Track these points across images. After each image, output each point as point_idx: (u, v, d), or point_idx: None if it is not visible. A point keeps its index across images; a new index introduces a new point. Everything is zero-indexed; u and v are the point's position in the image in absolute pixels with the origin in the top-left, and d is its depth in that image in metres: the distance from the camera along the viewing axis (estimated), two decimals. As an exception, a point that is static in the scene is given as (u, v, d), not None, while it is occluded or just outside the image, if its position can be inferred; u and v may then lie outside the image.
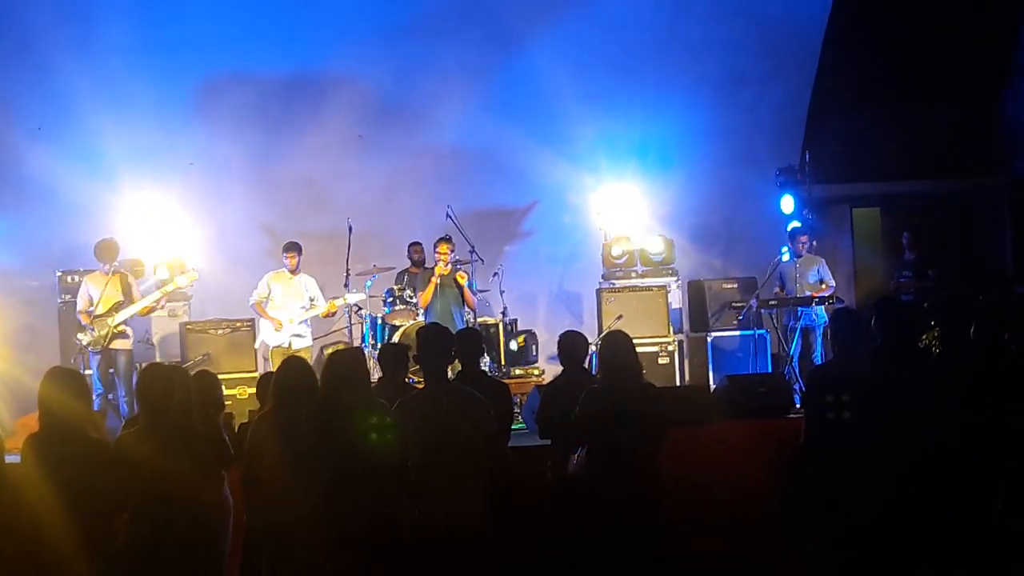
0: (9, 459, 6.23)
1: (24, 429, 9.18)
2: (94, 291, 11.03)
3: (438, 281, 11.86)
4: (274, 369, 10.38)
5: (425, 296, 11.95)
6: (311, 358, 11.28)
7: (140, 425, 5.93)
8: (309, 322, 11.96)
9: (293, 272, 11.90)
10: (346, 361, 6.19)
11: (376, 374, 8.67)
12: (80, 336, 11.01)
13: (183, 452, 5.80)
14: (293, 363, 6.36)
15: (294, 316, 11.74)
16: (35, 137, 13.11)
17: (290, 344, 11.67)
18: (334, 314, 12.08)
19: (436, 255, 11.96)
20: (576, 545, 6.82)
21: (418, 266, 13.03)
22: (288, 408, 6.05)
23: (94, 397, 9.04)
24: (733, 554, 8.12)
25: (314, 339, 12.62)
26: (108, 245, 11.13)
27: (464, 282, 11.91)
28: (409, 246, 13.19)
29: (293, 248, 11.93)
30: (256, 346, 12.02)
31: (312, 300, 11.87)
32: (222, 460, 6.27)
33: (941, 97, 14.05)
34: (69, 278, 12.17)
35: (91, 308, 10.96)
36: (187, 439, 5.88)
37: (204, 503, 5.82)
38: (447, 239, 12.10)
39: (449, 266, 11.91)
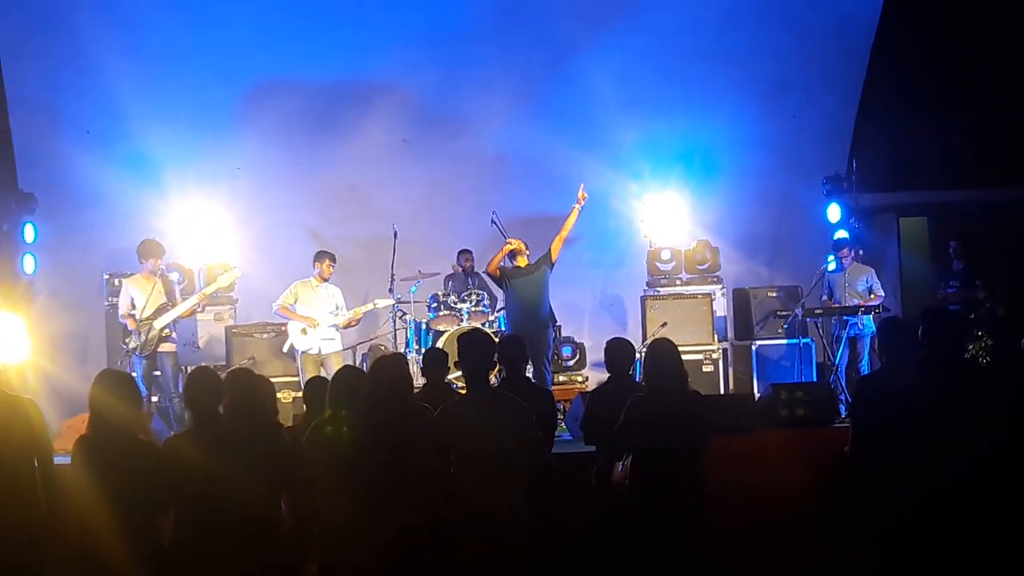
0: (58, 460, 6.29)
1: (71, 431, 9.30)
2: (136, 294, 10.89)
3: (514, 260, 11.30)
4: (309, 376, 10.53)
5: (493, 263, 11.33)
6: (342, 362, 11.16)
7: (189, 428, 5.95)
8: (338, 327, 11.70)
9: (324, 280, 11.58)
10: (391, 366, 6.18)
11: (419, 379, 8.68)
12: (127, 341, 10.90)
13: (233, 455, 5.78)
14: (350, 371, 6.34)
15: (324, 320, 11.41)
16: (83, 141, 13.23)
17: (320, 350, 11.43)
18: (358, 321, 11.89)
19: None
20: (619, 551, 6.81)
21: (466, 273, 13.01)
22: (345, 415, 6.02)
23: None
24: (775, 563, 8.07)
25: (357, 343, 12.66)
26: (153, 244, 11.04)
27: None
28: (459, 253, 13.19)
29: (327, 256, 11.62)
30: (284, 350, 11.83)
31: (338, 308, 11.55)
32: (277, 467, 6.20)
33: (990, 104, 13.89)
34: (116, 281, 12.16)
35: (134, 311, 10.83)
36: (237, 442, 5.85)
37: (254, 505, 5.81)
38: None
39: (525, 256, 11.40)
